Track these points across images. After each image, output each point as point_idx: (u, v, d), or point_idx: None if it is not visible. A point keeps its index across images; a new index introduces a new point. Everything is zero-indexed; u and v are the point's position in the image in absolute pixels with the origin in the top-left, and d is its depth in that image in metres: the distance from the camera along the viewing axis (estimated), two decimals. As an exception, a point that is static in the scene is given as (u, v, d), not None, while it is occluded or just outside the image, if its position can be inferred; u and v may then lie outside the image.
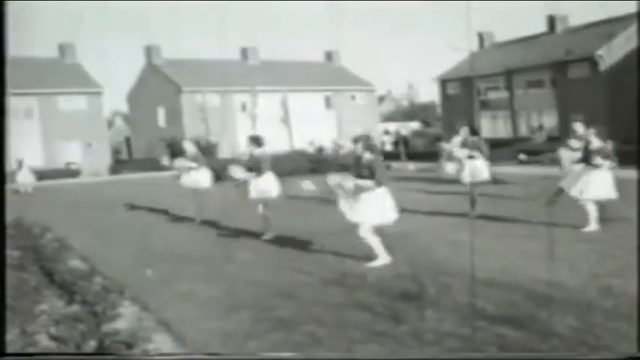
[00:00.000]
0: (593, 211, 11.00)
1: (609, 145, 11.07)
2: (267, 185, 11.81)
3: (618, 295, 6.78)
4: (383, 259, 8.97)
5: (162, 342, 5.94)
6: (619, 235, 10.30)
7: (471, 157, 13.88)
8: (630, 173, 12.49)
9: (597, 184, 10.95)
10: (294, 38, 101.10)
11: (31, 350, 5.39)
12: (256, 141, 12.01)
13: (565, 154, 13.99)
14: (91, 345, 5.25)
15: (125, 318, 6.55)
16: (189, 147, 14.89)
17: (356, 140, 9.34)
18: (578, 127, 13.87)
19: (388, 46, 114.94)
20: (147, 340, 5.56)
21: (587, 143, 11.31)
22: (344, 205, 9.09)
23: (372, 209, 8.94)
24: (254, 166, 11.85)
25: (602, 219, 11.14)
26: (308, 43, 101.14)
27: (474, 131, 14.74)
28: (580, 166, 11.36)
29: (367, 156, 9.11)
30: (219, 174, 15.53)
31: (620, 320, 5.96)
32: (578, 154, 11.88)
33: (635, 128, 13.28)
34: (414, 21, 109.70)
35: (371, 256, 9.11)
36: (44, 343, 5.55)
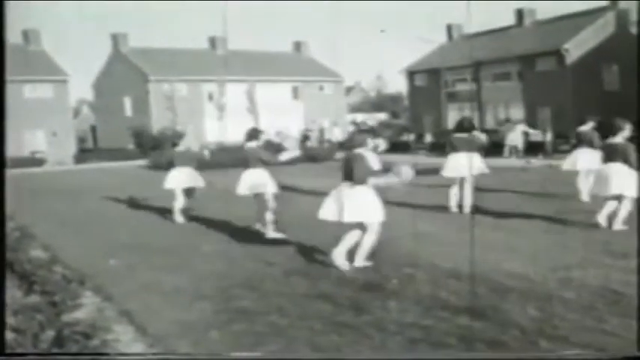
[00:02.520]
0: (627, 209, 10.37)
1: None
2: (258, 180, 11.17)
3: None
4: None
5: (122, 332, 5.89)
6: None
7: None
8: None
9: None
10: (263, 28, 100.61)
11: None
12: (253, 134, 11.51)
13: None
14: (49, 335, 5.19)
15: (86, 308, 6.48)
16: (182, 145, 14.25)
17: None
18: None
19: (357, 37, 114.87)
20: (107, 330, 5.51)
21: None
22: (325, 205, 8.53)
23: (354, 205, 8.27)
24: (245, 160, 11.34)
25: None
26: (277, 34, 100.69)
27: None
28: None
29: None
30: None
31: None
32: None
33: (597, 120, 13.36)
34: (384, 12, 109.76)
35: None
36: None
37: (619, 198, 10.30)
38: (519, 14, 48.19)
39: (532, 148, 30.26)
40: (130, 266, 8.91)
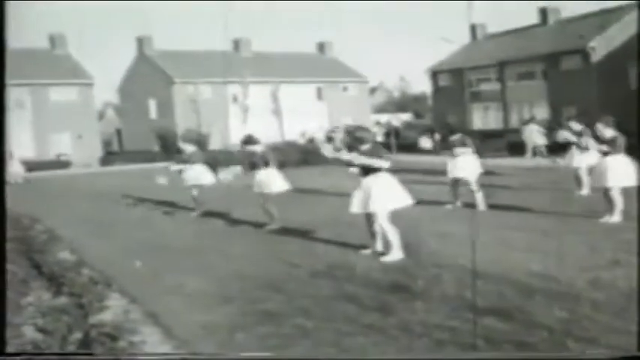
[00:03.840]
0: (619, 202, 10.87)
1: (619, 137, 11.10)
2: (267, 180, 11.93)
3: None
4: (397, 253, 8.68)
5: (149, 334, 5.91)
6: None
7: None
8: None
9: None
10: (288, 30, 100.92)
11: (16, 342, 5.36)
12: (249, 141, 12.34)
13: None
14: (77, 337, 5.22)
15: (112, 310, 6.52)
16: (187, 147, 14.89)
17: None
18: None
19: (381, 38, 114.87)
20: (133, 332, 5.53)
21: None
22: (355, 199, 8.93)
23: (384, 195, 8.75)
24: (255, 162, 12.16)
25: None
26: (301, 35, 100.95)
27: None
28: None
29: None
30: (211, 166, 15.57)
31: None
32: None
33: (624, 120, 13.26)
34: (408, 13, 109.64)
35: (363, 246, 9.15)
36: (30, 335, 5.52)
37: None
38: (543, 13, 47.88)
39: (559, 148, 29.94)
40: (155, 268, 8.95)
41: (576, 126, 13.99)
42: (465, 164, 13.40)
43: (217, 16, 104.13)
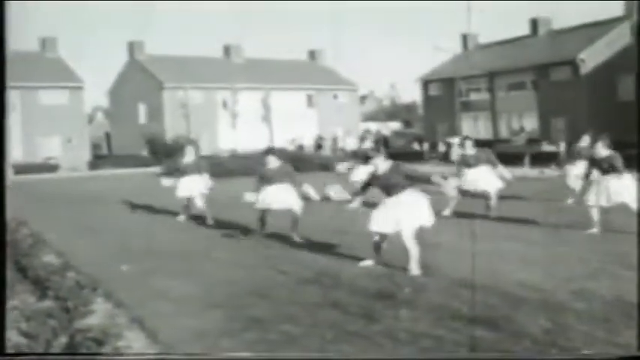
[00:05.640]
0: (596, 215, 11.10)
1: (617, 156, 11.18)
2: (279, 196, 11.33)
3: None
4: (416, 269, 8.44)
5: (134, 339, 5.89)
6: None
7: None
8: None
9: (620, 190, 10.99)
10: (278, 37, 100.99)
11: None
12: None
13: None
14: (62, 341, 5.19)
15: (98, 314, 6.49)
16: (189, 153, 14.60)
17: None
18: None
19: (372, 46, 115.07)
20: (118, 336, 5.51)
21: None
22: (376, 217, 8.70)
23: (412, 212, 8.59)
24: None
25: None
26: (292, 42, 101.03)
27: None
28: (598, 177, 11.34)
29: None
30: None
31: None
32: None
33: (614, 132, 13.37)
34: (399, 21, 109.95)
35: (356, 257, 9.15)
36: (14, 339, 5.48)
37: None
38: (534, 24, 48.07)
39: (546, 159, 30.13)
40: (142, 272, 8.92)
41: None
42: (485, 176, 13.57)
43: (209, 21, 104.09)
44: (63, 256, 10.12)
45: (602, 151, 11.22)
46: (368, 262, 8.93)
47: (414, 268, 8.41)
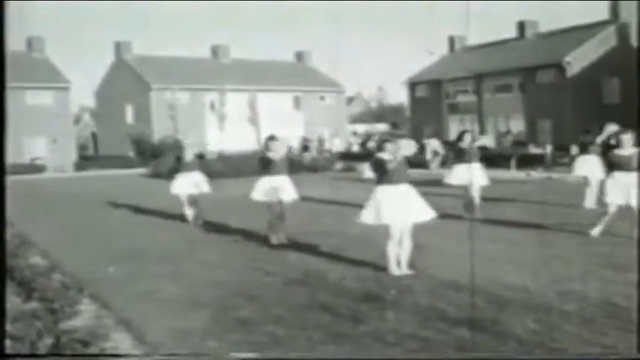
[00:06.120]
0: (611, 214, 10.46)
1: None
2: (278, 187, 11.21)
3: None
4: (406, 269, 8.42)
5: (120, 340, 5.87)
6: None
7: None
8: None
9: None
10: (266, 37, 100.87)
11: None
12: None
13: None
14: (47, 342, 5.17)
15: (84, 315, 6.47)
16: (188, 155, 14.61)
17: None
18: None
19: (360, 48, 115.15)
20: (105, 338, 5.49)
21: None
22: (368, 211, 8.46)
23: (407, 207, 8.38)
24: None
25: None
26: (279, 43, 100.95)
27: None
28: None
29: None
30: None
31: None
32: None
33: (595, 133, 13.40)
34: (386, 23, 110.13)
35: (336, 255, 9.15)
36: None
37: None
38: (521, 27, 48.24)
39: (532, 161, 30.26)
40: (128, 274, 8.90)
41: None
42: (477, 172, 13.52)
43: (196, 21, 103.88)
44: (49, 257, 10.09)
45: (629, 148, 10.40)
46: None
47: (404, 266, 8.39)
